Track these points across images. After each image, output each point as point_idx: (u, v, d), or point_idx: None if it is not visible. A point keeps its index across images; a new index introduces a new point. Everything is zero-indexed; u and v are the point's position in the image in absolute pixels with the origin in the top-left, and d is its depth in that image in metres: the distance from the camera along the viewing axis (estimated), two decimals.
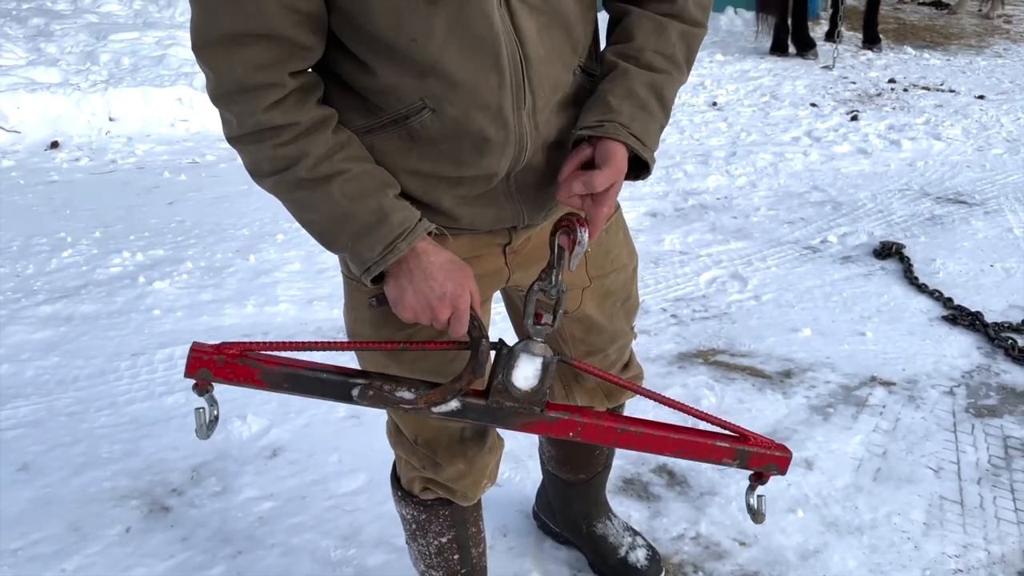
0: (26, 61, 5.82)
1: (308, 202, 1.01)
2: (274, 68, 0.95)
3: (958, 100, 5.43)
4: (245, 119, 0.97)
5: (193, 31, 0.95)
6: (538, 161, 1.11)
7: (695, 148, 4.57)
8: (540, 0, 1.02)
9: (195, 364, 1.10)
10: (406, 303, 1.04)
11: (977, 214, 3.70)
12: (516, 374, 1.08)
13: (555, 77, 1.07)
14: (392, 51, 0.98)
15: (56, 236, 3.39)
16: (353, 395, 1.10)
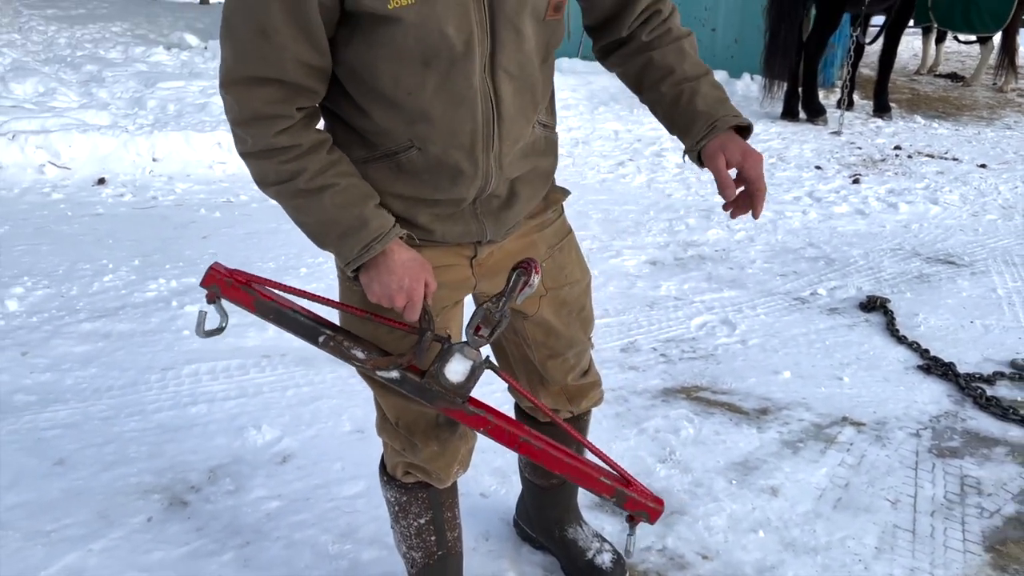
0: (79, 104, 6.24)
1: (304, 208, 1.26)
2: (285, 104, 1.20)
3: (960, 168, 5.63)
4: (258, 140, 1.22)
5: (223, 70, 1.21)
6: (499, 191, 1.38)
7: (699, 203, 4.80)
8: (516, 69, 1.28)
9: (209, 279, 1.40)
10: (372, 290, 1.29)
11: (964, 274, 3.87)
12: (448, 367, 1.32)
13: (519, 130, 1.34)
14: (389, 101, 1.25)
15: (99, 262, 3.68)
16: (319, 340, 1.37)
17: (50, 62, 7.85)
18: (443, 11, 1.17)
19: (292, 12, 1.13)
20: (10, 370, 2.78)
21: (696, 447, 2.52)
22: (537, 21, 1.28)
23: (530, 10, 1.25)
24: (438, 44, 1.19)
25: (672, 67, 1.39)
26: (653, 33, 1.41)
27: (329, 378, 2.82)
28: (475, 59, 1.22)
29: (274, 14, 1.13)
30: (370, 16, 1.16)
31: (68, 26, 10.20)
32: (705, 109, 1.36)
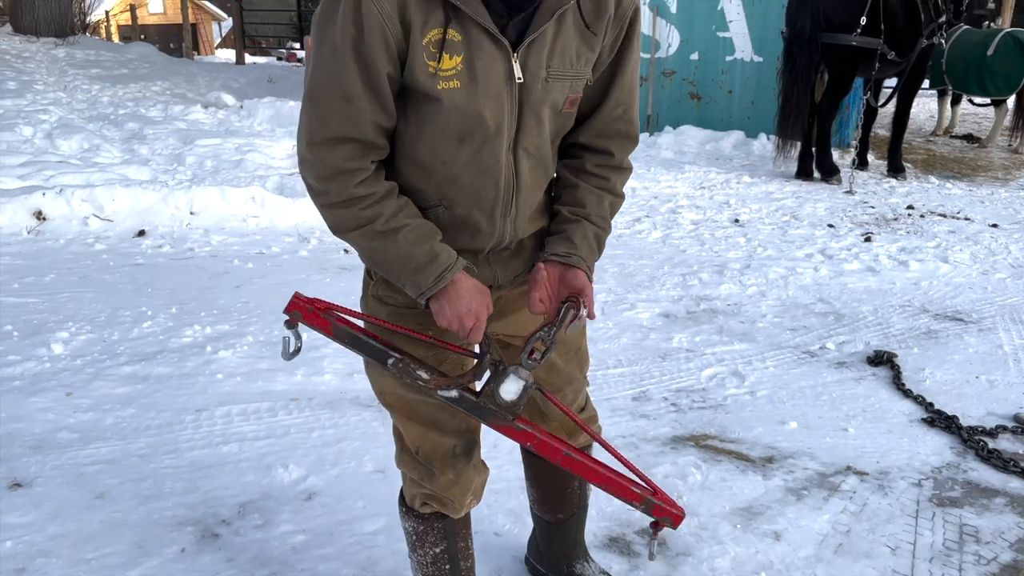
0: (121, 160, 6.56)
1: (381, 248, 1.45)
2: (362, 159, 1.42)
3: (971, 227, 5.74)
4: (340, 192, 1.42)
5: (308, 133, 1.41)
6: (511, 247, 1.59)
7: (712, 259, 4.95)
8: (535, 149, 1.52)
9: (292, 306, 1.56)
10: (444, 315, 1.47)
11: (971, 331, 3.96)
12: (503, 387, 1.47)
13: (533, 198, 1.57)
14: (425, 166, 1.47)
15: (138, 310, 3.88)
16: (388, 363, 1.52)
17: (94, 120, 8.23)
18: (483, 98, 1.40)
19: (369, 82, 1.37)
20: (55, 409, 2.96)
21: (703, 492, 2.63)
22: (555, 112, 1.50)
23: (550, 103, 1.48)
24: (475, 125, 1.42)
25: (584, 203, 1.59)
26: (595, 169, 1.60)
27: (353, 420, 2.97)
28: (503, 139, 1.45)
29: (355, 84, 1.36)
30: (422, 94, 1.39)
31: (111, 85, 10.67)
32: (577, 243, 1.55)
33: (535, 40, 1.40)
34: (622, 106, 1.57)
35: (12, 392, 3.07)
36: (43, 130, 7.25)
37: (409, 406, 1.62)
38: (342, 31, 1.34)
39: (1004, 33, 8.52)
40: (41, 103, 8.86)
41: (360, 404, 3.09)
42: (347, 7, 1.33)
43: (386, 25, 1.33)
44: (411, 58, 1.36)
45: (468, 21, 1.36)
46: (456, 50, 1.37)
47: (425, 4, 1.35)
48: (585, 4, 1.45)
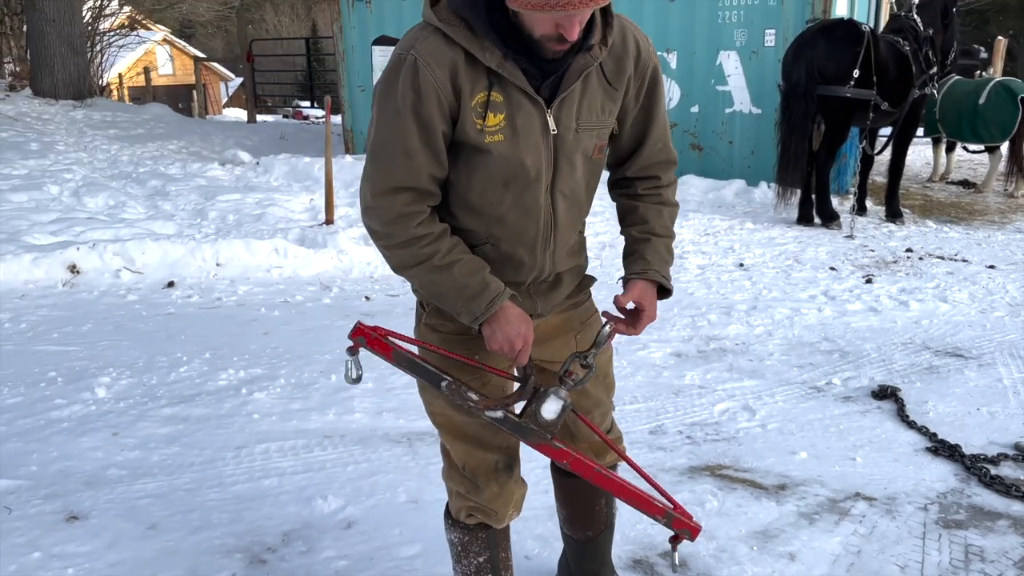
0: (146, 215, 6.81)
1: (439, 280, 1.65)
2: (419, 203, 1.64)
3: (969, 269, 5.93)
4: (401, 234, 1.63)
5: (371, 182, 1.64)
6: (550, 279, 1.81)
7: (720, 301, 5.13)
8: (570, 192, 1.74)
9: (357, 332, 1.75)
10: (495, 339, 1.66)
11: (972, 366, 4.12)
12: (545, 407, 1.65)
13: (569, 235, 1.80)
14: (474, 209, 1.69)
15: (174, 356, 4.07)
16: (442, 385, 1.70)
17: (117, 178, 8.52)
18: (524, 148, 1.63)
19: (426, 139, 1.60)
20: (103, 448, 3.13)
21: (720, 518, 2.77)
22: (586, 158, 1.73)
23: (581, 150, 1.71)
24: (517, 171, 1.65)
25: (647, 219, 1.84)
26: (647, 191, 1.86)
27: (385, 455, 3.13)
28: (542, 183, 1.68)
29: (414, 141, 1.60)
30: (472, 147, 1.62)
31: (129, 145, 11.01)
32: (649, 259, 1.80)
33: (565, 97, 1.64)
34: (661, 141, 1.84)
35: (62, 433, 3.24)
36: (69, 188, 7.53)
37: (457, 426, 1.80)
38: (403, 96, 1.57)
39: (995, 82, 8.83)
40: (64, 163, 9.17)
41: (390, 440, 3.25)
42: (407, 76, 1.57)
43: (440, 91, 1.57)
44: (461, 117, 1.59)
45: (508, 84, 1.59)
46: (499, 109, 1.60)
47: (472, 71, 1.58)
48: (607, 65, 1.69)
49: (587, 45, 1.62)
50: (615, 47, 1.69)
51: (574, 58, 1.62)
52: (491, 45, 1.56)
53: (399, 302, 4.96)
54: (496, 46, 1.56)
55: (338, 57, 10.94)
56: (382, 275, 5.47)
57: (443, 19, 1.58)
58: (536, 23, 1.52)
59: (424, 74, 1.56)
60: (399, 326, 1.93)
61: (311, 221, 6.62)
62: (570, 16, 1.49)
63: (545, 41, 1.55)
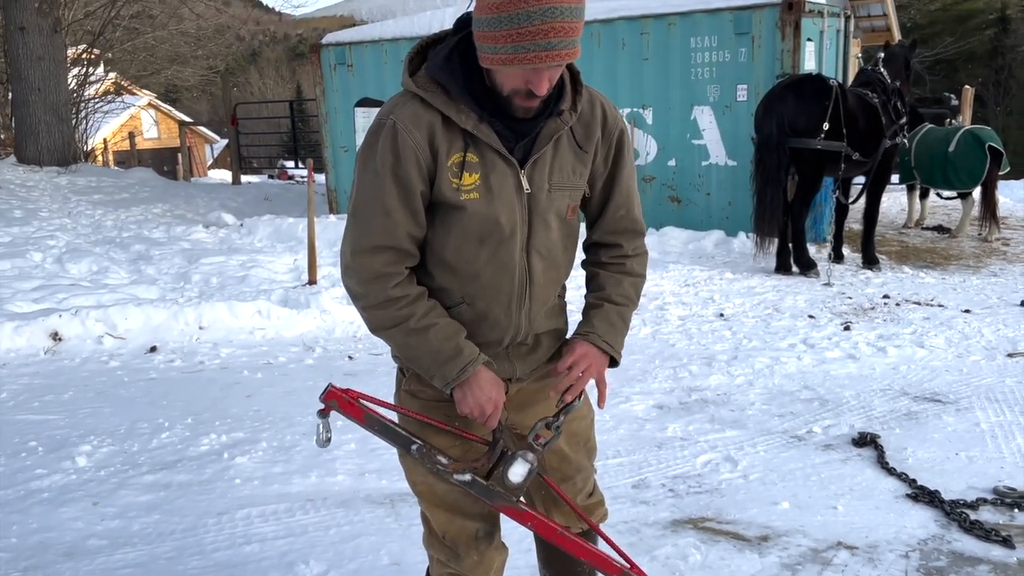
0: (129, 280, 6.83)
1: (414, 344, 1.69)
2: (398, 264, 1.70)
3: (945, 314, 6.02)
4: (379, 294, 1.68)
5: (351, 241, 1.69)
6: (528, 341, 1.84)
7: (701, 352, 5.18)
8: (545, 251, 1.80)
9: (330, 396, 1.77)
10: (466, 403, 1.70)
11: (950, 411, 4.17)
12: (512, 470, 1.68)
13: (546, 295, 1.84)
14: (451, 267, 1.74)
15: (155, 422, 4.05)
16: (412, 449, 1.73)
17: (100, 243, 8.55)
18: (498, 206, 1.70)
19: (405, 198, 1.67)
20: (83, 518, 3.10)
21: (704, 571, 2.77)
22: (560, 219, 1.80)
23: (555, 210, 1.78)
24: (492, 228, 1.71)
25: (604, 287, 1.89)
26: (611, 260, 1.91)
27: (367, 518, 3.11)
28: (517, 240, 1.73)
29: (394, 200, 1.66)
30: (448, 205, 1.68)
31: (113, 209, 11.08)
32: (595, 324, 1.85)
33: (538, 159, 1.73)
34: (624, 208, 1.88)
35: (42, 504, 3.21)
36: (52, 255, 7.55)
37: (437, 494, 1.82)
38: (382, 159, 1.66)
39: (964, 130, 9.08)
40: (48, 229, 9.21)
41: (373, 502, 3.24)
42: (386, 140, 1.65)
43: (418, 152, 1.65)
44: (438, 177, 1.67)
45: (483, 145, 1.68)
46: (474, 169, 1.68)
47: (448, 133, 1.67)
48: (577, 129, 1.78)
49: (557, 110, 1.71)
50: (584, 113, 1.77)
51: (545, 122, 1.70)
52: (467, 108, 1.65)
53: (382, 361, 4.98)
54: (472, 109, 1.65)
55: (321, 119, 11.13)
56: (365, 334, 5.49)
57: (421, 86, 1.67)
58: (507, 79, 1.61)
59: (403, 137, 1.64)
60: (382, 385, 1.96)
61: (294, 282, 6.66)
62: (539, 71, 1.57)
63: (516, 97, 1.62)
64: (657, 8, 8.87)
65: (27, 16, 12.56)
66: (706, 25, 8.63)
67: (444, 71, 1.66)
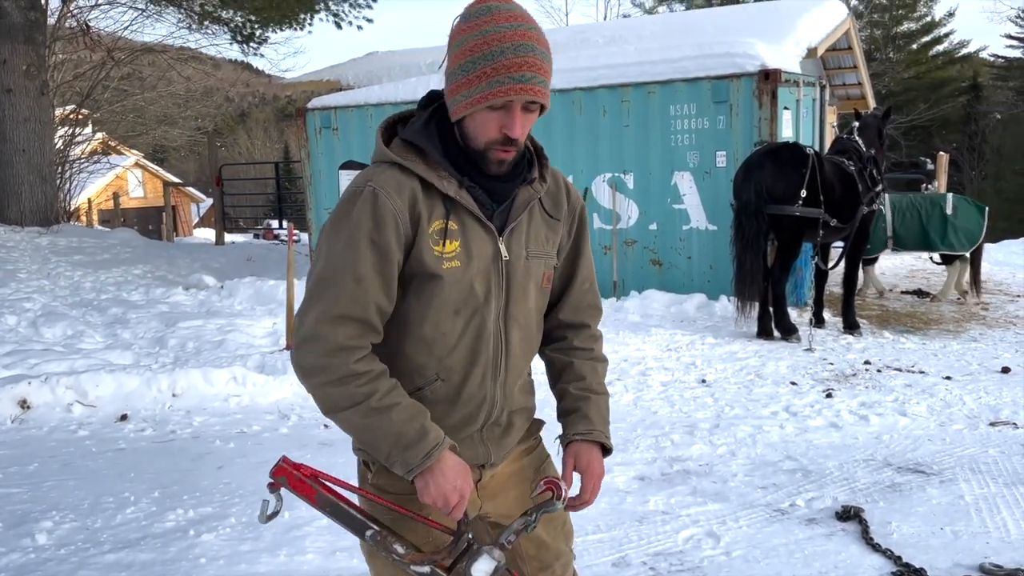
0: (104, 345, 6.72)
1: (374, 425, 1.59)
2: (362, 339, 1.62)
3: (926, 380, 6.00)
4: (339, 368, 1.58)
5: (317, 310, 1.59)
6: (501, 420, 1.78)
7: (683, 420, 5.12)
8: (523, 320, 1.77)
9: (280, 472, 1.66)
10: (428, 492, 1.59)
11: (933, 483, 4.11)
12: (476, 566, 1.59)
13: (521, 367, 1.80)
14: (427, 342, 1.69)
15: (121, 495, 3.93)
16: (366, 534, 1.63)
17: (77, 306, 8.45)
18: (475, 273, 1.67)
19: (380, 266, 1.61)
20: None
21: None
22: (537, 287, 1.78)
23: (533, 278, 1.76)
24: (468, 296, 1.67)
25: (584, 375, 1.86)
26: (581, 344, 1.88)
27: None
28: (492, 307, 1.70)
29: (367, 267, 1.60)
30: (428, 274, 1.64)
31: (93, 271, 10.98)
32: (593, 419, 1.82)
33: (515, 227, 1.72)
34: (588, 280, 1.88)
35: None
36: (27, 318, 7.44)
37: None
38: (358, 224, 1.60)
39: (952, 195, 9.33)
40: (25, 291, 9.09)
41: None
42: (364, 205, 1.61)
43: (399, 218, 1.61)
44: (418, 245, 1.63)
45: (463, 212, 1.66)
46: (455, 236, 1.66)
47: (429, 199, 1.65)
48: (546, 200, 1.79)
49: (529, 178, 1.72)
50: (550, 186, 1.79)
51: (520, 189, 1.71)
52: (447, 174, 1.64)
53: None
54: (452, 175, 1.65)
55: (306, 181, 11.18)
56: None
57: (398, 153, 1.66)
58: (482, 127, 1.60)
59: (383, 202, 1.60)
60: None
61: (272, 346, 6.58)
62: (512, 113, 1.58)
63: (492, 148, 1.62)
64: (637, 77, 9.04)
65: (15, 78, 12.64)
66: (685, 93, 8.79)
67: (423, 135, 1.67)
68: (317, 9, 14.03)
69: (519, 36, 1.55)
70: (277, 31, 14.80)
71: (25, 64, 12.66)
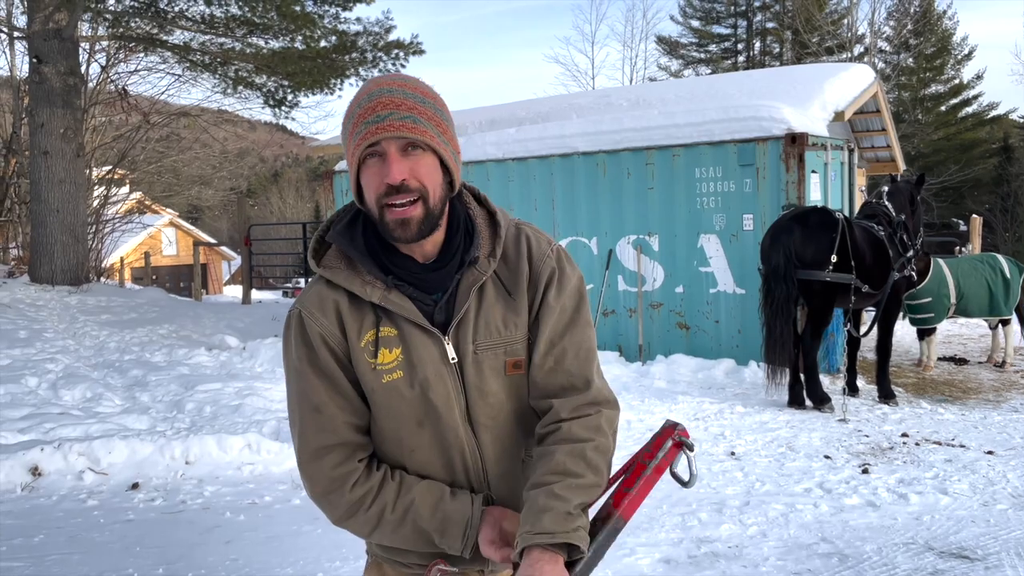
0: (121, 409, 6.66)
1: (403, 535, 1.51)
2: (349, 462, 1.52)
3: (968, 455, 5.72)
4: (339, 502, 1.50)
5: (297, 453, 1.53)
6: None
7: (711, 496, 4.89)
8: (490, 421, 1.57)
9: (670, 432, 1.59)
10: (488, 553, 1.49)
11: (978, 569, 3.85)
12: None
13: (508, 468, 1.60)
14: (394, 457, 1.55)
15: (125, 572, 3.79)
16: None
17: (99, 367, 8.44)
18: (424, 380, 1.52)
19: (333, 389, 1.52)
20: None
21: None
22: (499, 378, 1.56)
23: (490, 373, 1.55)
24: (427, 408, 1.53)
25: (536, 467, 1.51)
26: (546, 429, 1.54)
27: None
28: (455, 414, 1.54)
29: (320, 394, 1.52)
30: (370, 389, 1.53)
31: (119, 330, 11.03)
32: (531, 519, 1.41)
33: (461, 320, 1.54)
34: (554, 359, 1.56)
35: None
36: (48, 380, 7.42)
37: None
38: (297, 352, 1.53)
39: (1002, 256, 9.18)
40: (49, 351, 9.12)
41: None
42: (296, 332, 1.54)
43: (327, 337, 1.52)
44: (355, 359, 1.52)
45: (397, 317, 1.53)
46: (392, 343, 1.52)
47: (357, 311, 1.53)
48: (503, 273, 1.58)
49: (471, 258, 1.55)
50: (508, 255, 1.59)
51: (462, 274, 1.55)
52: (372, 279, 1.52)
53: None
54: (377, 278, 1.52)
55: None
56: None
57: (324, 265, 1.56)
58: (368, 186, 1.48)
59: (309, 324, 1.53)
60: None
61: None
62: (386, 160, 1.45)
63: (383, 207, 1.46)
64: (661, 140, 9.02)
65: (51, 141, 12.95)
66: (711, 156, 8.73)
67: (344, 236, 1.55)
68: (347, 75, 14.28)
69: (376, 86, 1.49)
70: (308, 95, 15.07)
71: (62, 127, 12.98)
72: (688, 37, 37.48)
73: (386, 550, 1.62)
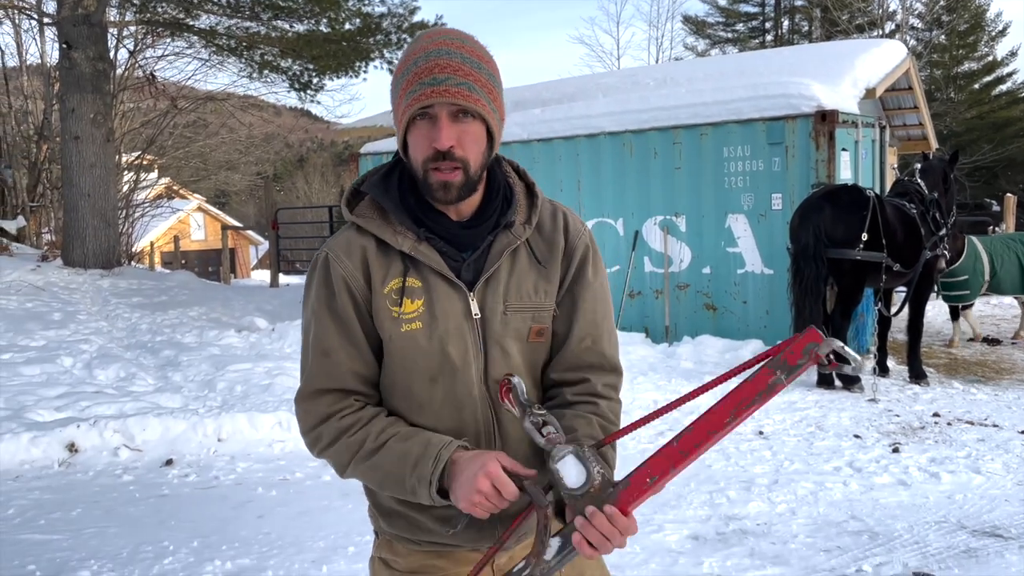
0: (154, 388, 6.76)
1: (379, 462, 1.48)
2: (344, 401, 1.54)
3: (1001, 435, 5.65)
4: (328, 432, 1.52)
5: (298, 390, 1.57)
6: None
7: (739, 475, 4.88)
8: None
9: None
10: (459, 497, 1.40)
11: (1012, 547, 3.81)
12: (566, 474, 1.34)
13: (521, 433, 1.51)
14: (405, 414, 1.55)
15: (160, 544, 3.87)
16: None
17: (132, 348, 8.58)
18: (445, 335, 1.52)
19: (345, 335, 1.53)
20: None
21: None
22: (521, 343, 1.56)
23: (513, 335, 1.55)
24: (442, 362, 1.52)
25: (575, 427, 1.50)
26: (578, 397, 1.56)
27: None
28: (472, 372, 1.53)
29: (332, 339, 1.53)
30: (387, 337, 1.53)
31: (150, 312, 11.18)
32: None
33: (491, 278, 1.55)
34: (590, 338, 1.58)
35: None
36: (83, 360, 7.55)
37: None
38: (317, 295, 1.55)
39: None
40: (83, 332, 9.27)
41: None
42: (319, 273, 1.55)
43: (350, 281, 1.53)
44: (375, 305, 1.53)
45: (425, 268, 1.53)
46: (416, 295, 1.53)
47: (384, 258, 1.54)
48: (536, 243, 1.60)
49: (507, 221, 1.56)
50: (544, 225, 1.62)
51: (496, 236, 1.56)
52: (404, 229, 1.54)
53: None
54: (409, 229, 1.54)
55: None
56: None
57: (357, 213, 1.58)
58: (416, 150, 1.49)
59: (334, 267, 1.54)
60: None
61: None
62: (438, 124, 1.45)
63: (428, 170, 1.47)
64: (689, 119, 8.93)
65: (82, 126, 13.10)
66: (738, 135, 8.64)
67: (379, 187, 1.57)
68: (372, 57, 14.28)
69: (434, 44, 1.48)
70: (333, 79, 15.10)
71: (92, 112, 13.12)
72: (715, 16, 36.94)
73: (393, 525, 1.59)
